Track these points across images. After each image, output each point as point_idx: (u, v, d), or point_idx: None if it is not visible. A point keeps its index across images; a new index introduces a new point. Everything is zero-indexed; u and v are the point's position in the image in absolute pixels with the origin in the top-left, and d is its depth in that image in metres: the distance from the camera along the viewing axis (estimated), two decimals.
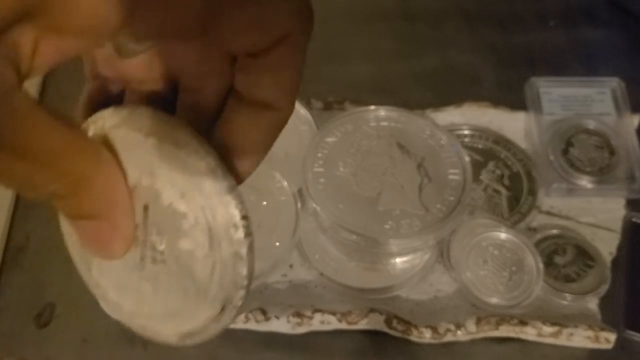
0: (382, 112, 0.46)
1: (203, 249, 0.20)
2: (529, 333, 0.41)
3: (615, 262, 0.44)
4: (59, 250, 0.24)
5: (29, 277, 0.43)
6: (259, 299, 0.41)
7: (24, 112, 0.17)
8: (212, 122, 0.22)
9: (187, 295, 0.20)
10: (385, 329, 0.41)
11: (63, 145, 0.18)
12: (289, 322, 0.40)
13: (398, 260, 0.43)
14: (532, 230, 0.45)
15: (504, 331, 0.41)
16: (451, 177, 0.43)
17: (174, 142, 0.20)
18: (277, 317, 0.40)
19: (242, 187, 0.21)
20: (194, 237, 0.20)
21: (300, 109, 0.47)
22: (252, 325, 0.40)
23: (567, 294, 0.42)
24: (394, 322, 0.40)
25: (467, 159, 0.44)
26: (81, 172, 0.19)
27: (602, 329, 0.41)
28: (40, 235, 0.45)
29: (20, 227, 0.45)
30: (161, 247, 0.20)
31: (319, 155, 0.43)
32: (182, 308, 0.21)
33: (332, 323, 0.41)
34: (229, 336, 0.39)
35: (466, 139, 0.49)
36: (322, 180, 0.42)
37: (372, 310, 0.41)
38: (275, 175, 0.44)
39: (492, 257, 0.43)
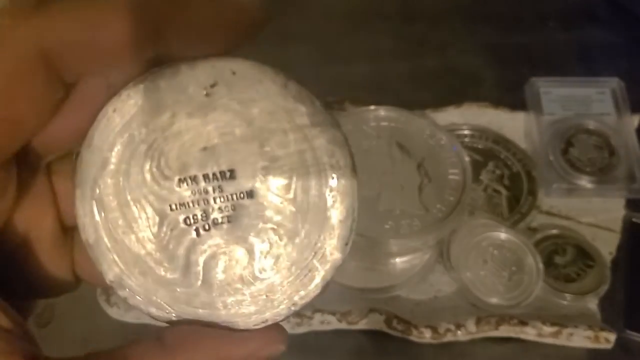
0: (382, 112, 0.46)
1: None
2: (529, 333, 0.41)
3: (615, 262, 0.44)
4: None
5: None
6: None
7: None
8: None
9: None
10: (385, 329, 0.41)
11: None
12: (288, 321, 0.40)
13: (398, 260, 0.43)
14: (532, 230, 0.45)
15: (504, 331, 0.41)
16: (451, 177, 0.43)
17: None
18: None
19: None
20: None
21: None
22: None
23: (567, 294, 0.42)
24: (394, 322, 0.40)
25: (467, 159, 0.44)
26: None
27: (602, 329, 0.41)
28: None
29: None
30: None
31: None
32: None
33: (332, 323, 0.41)
34: None
35: (466, 139, 0.49)
36: None
37: (372, 310, 0.41)
38: None
39: (492, 257, 0.43)
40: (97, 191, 0.18)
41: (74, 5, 0.16)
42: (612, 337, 0.41)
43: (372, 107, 0.46)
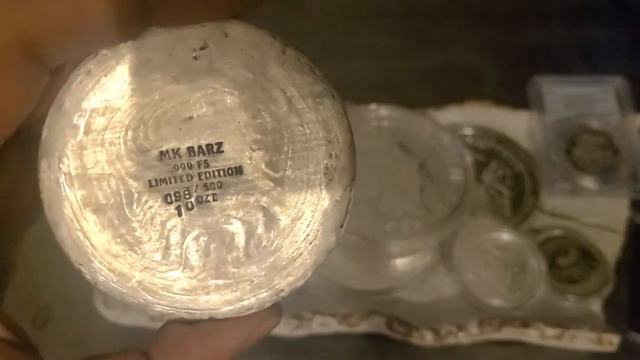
0: (383, 111, 0.45)
1: None
2: (532, 335, 0.40)
3: (618, 263, 0.44)
4: (56, 252, 0.23)
5: (26, 278, 0.43)
6: None
7: None
8: None
9: None
10: (386, 331, 0.40)
11: None
12: (288, 324, 0.40)
13: (399, 261, 0.43)
14: (535, 231, 0.45)
15: (506, 333, 0.40)
16: (453, 177, 0.43)
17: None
18: None
19: None
20: None
21: None
22: None
23: (570, 296, 0.42)
24: (395, 324, 0.40)
25: (469, 159, 0.43)
26: None
27: (606, 331, 0.40)
28: (37, 236, 0.44)
29: None
30: None
31: None
32: None
33: (332, 325, 0.40)
34: None
35: (468, 139, 0.49)
36: None
37: (372, 312, 0.40)
38: None
39: (494, 259, 0.43)
40: (66, 163, 0.16)
41: None
42: (616, 339, 0.40)
43: (373, 106, 0.45)
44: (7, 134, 0.16)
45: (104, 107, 0.16)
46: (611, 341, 0.40)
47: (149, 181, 0.16)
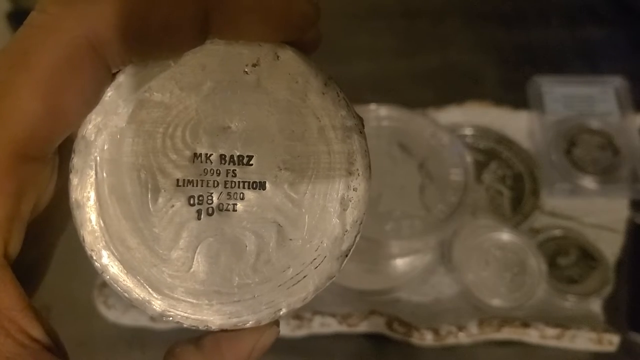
0: (383, 111, 0.45)
1: None
2: (532, 335, 0.40)
3: (618, 263, 0.44)
4: (56, 252, 0.24)
5: None
6: None
7: None
8: None
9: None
10: (386, 332, 0.40)
11: None
12: (288, 324, 0.40)
13: (399, 261, 0.43)
14: (535, 231, 0.45)
15: (506, 333, 0.40)
16: (453, 177, 0.43)
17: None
18: None
19: None
20: None
21: None
22: None
23: (570, 296, 0.42)
24: (395, 324, 0.40)
25: (469, 159, 0.43)
26: None
27: (606, 331, 0.40)
28: None
29: None
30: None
31: None
32: None
33: (332, 325, 0.40)
34: None
35: (468, 139, 0.49)
36: None
37: (372, 312, 0.40)
38: None
39: (494, 259, 0.43)
40: (104, 147, 0.17)
41: None
42: (616, 339, 0.40)
43: (373, 107, 0.45)
44: (68, 132, 0.17)
45: (151, 100, 0.17)
46: (611, 341, 0.40)
47: (177, 180, 0.17)
